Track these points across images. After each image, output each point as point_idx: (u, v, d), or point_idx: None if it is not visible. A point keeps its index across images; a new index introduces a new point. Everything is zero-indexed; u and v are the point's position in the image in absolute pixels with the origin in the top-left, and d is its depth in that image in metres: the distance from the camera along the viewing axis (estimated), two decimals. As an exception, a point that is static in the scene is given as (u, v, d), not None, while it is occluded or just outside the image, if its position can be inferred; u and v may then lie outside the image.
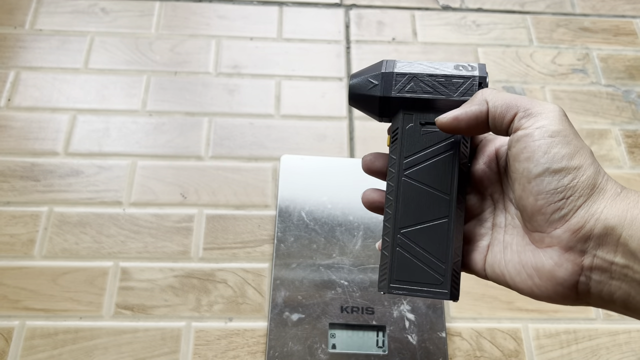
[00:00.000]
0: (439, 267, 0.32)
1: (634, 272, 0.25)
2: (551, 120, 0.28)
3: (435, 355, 0.59)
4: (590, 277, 0.27)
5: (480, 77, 0.33)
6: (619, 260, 0.26)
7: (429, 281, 0.32)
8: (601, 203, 0.27)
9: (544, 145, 0.28)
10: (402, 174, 0.34)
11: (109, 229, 0.66)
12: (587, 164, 0.27)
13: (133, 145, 0.72)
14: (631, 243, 0.25)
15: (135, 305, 0.61)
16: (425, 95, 0.34)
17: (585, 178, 0.27)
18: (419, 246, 0.33)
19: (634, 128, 0.78)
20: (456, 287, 0.33)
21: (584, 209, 0.27)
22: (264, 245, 0.66)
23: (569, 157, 0.27)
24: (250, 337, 0.60)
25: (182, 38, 0.81)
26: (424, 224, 0.33)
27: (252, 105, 0.76)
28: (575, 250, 0.27)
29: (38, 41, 0.80)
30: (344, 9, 0.87)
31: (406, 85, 0.34)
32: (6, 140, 0.71)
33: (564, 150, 0.27)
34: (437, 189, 0.33)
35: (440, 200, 0.33)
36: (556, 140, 0.28)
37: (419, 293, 0.32)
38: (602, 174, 0.28)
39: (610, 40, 0.86)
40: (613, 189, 0.27)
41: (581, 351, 0.62)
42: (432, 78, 0.34)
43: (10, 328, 0.59)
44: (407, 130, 0.34)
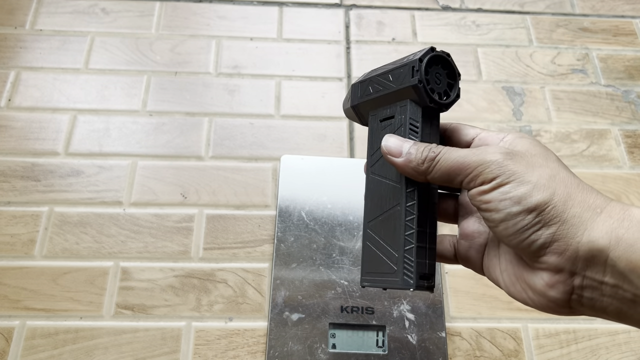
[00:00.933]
0: (393, 255, 0.32)
1: (624, 291, 0.25)
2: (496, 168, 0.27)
3: (435, 355, 0.59)
4: (582, 295, 0.27)
5: (412, 61, 0.33)
6: (608, 280, 0.26)
7: (386, 270, 0.33)
8: (579, 227, 0.26)
9: (497, 196, 0.27)
10: (369, 172, 0.36)
11: (110, 228, 0.66)
12: (549, 195, 0.26)
13: (133, 145, 0.72)
14: (619, 264, 0.25)
15: (135, 305, 0.61)
16: (375, 94, 0.35)
17: (551, 209, 0.26)
18: (379, 237, 0.34)
19: (634, 128, 0.78)
20: (410, 274, 0.32)
21: (561, 235, 0.26)
22: (264, 245, 0.66)
23: (526, 197, 0.26)
24: (251, 337, 0.60)
25: (182, 38, 0.81)
26: (383, 215, 0.34)
27: (252, 106, 0.76)
28: (565, 271, 0.27)
29: (38, 41, 0.80)
30: (344, 9, 0.87)
31: (365, 90, 0.36)
32: (7, 140, 0.71)
33: (519, 192, 0.27)
34: (390, 178, 0.34)
35: (394, 190, 0.33)
36: (508, 187, 0.27)
37: (380, 284, 0.33)
38: (573, 198, 0.27)
39: (609, 40, 0.86)
40: (591, 210, 0.26)
41: (581, 351, 0.62)
42: (382, 76, 0.35)
43: (10, 328, 0.59)
44: (372, 129, 0.36)
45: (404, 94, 0.33)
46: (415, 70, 0.32)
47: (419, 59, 0.33)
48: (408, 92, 0.33)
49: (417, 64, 0.32)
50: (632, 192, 0.73)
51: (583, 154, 0.75)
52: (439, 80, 0.33)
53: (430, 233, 0.33)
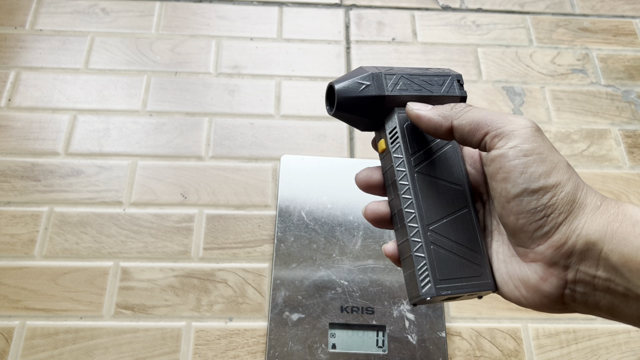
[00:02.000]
0: (476, 256, 0.31)
1: (616, 284, 0.26)
2: (524, 138, 0.28)
3: (435, 355, 0.59)
4: (575, 290, 0.27)
5: (456, 75, 0.35)
6: (600, 274, 0.26)
7: (471, 274, 0.31)
8: (582, 218, 0.27)
9: (519, 165, 0.27)
10: (414, 171, 0.33)
11: (110, 228, 0.66)
12: (565, 180, 0.27)
13: (133, 145, 0.72)
14: (612, 257, 0.25)
15: (135, 305, 0.61)
16: (417, 93, 0.34)
17: (564, 195, 0.27)
18: (452, 239, 0.32)
19: (634, 128, 0.78)
20: (493, 275, 0.31)
21: (565, 225, 0.27)
22: (264, 245, 0.66)
23: (545, 175, 0.27)
24: (251, 337, 0.60)
25: (182, 38, 0.81)
26: (450, 216, 0.32)
27: (252, 105, 0.76)
28: (559, 265, 0.27)
29: (38, 41, 0.80)
30: (344, 9, 0.87)
31: (397, 84, 0.34)
32: (7, 140, 0.71)
33: (540, 169, 0.27)
34: (450, 180, 0.33)
35: (456, 192, 0.33)
36: (531, 159, 0.27)
37: (464, 289, 0.30)
38: (581, 187, 0.28)
39: (609, 40, 0.86)
40: (593, 203, 0.27)
41: (581, 351, 0.62)
42: (417, 77, 0.35)
43: (10, 328, 0.59)
44: (408, 127, 0.34)
45: (447, 101, 0.34)
46: (461, 85, 0.34)
47: (460, 74, 0.35)
48: (451, 101, 0.34)
49: (462, 79, 0.35)
50: (632, 192, 0.73)
51: (583, 154, 0.75)
52: None
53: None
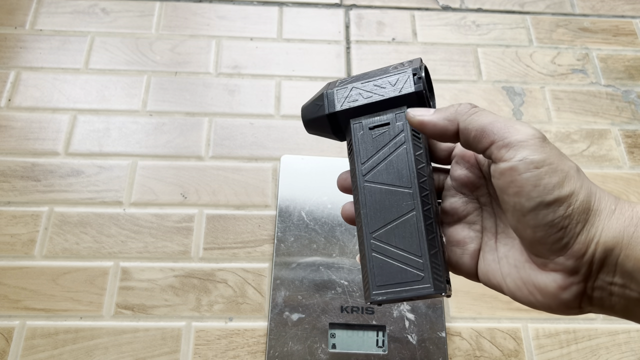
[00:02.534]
0: (417, 262, 0.31)
1: (631, 290, 0.26)
2: (533, 149, 0.27)
3: (435, 355, 0.59)
4: (592, 296, 0.27)
5: (412, 68, 0.33)
6: (617, 280, 0.26)
7: (410, 279, 0.30)
8: (599, 225, 0.26)
9: (532, 178, 0.27)
10: (362, 180, 0.34)
11: (110, 229, 0.66)
12: (578, 188, 0.27)
13: (133, 145, 0.72)
14: (627, 263, 0.25)
15: (135, 305, 0.61)
16: (366, 101, 0.34)
17: (579, 204, 0.26)
18: (393, 246, 0.32)
19: (634, 128, 0.78)
20: (440, 279, 0.30)
21: (584, 235, 0.26)
22: (264, 245, 0.66)
23: (559, 186, 0.26)
24: (251, 337, 0.60)
25: (182, 38, 0.81)
26: (393, 222, 0.32)
27: (252, 105, 0.76)
28: (580, 274, 0.27)
29: (38, 41, 0.80)
30: (344, 9, 0.87)
31: (347, 97, 0.35)
32: (7, 140, 0.71)
33: (553, 180, 0.26)
34: (398, 185, 0.33)
35: (404, 195, 0.32)
36: (543, 171, 0.27)
37: (403, 294, 0.30)
38: (594, 192, 0.27)
39: (609, 40, 0.86)
40: (607, 207, 0.27)
41: (581, 351, 0.62)
42: (369, 83, 0.35)
43: (10, 328, 0.59)
44: (360, 138, 0.35)
45: (401, 101, 0.33)
46: (418, 78, 0.33)
47: (420, 67, 0.33)
48: (407, 99, 0.33)
49: (419, 71, 0.33)
50: (632, 192, 0.73)
51: (583, 154, 0.75)
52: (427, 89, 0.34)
53: (441, 237, 0.32)
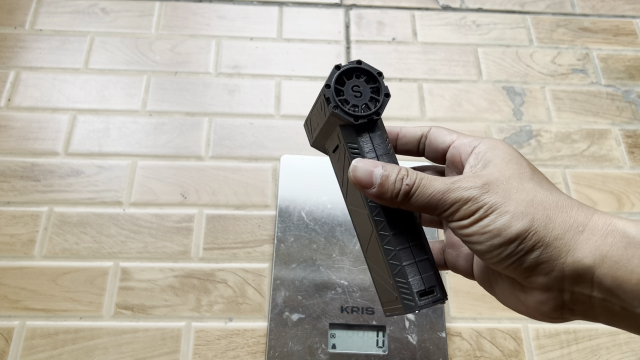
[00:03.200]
0: (389, 282, 0.31)
1: (612, 304, 0.26)
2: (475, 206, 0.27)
3: (435, 355, 0.59)
4: (574, 308, 0.27)
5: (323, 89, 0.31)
6: (596, 294, 0.26)
7: (390, 299, 0.31)
8: (562, 249, 0.26)
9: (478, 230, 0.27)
10: (346, 203, 0.34)
11: (109, 229, 0.66)
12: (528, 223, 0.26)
13: (133, 145, 0.72)
14: (605, 281, 0.25)
15: (135, 305, 0.61)
16: (316, 129, 0.34)
17: (532, 235, 0.26)
18: (375, 267, 0.32)
19: (634, 128, 0.78)
20: (408, 297, 0.30)
21: (545, 258, 0.26)
22: (264, 245, 0.66)
23: (506, 228, 0.26)
24: (250, 337, 0.60)
25: (182, 38, 0.81)
26: (368, 244, 0.32)
27: (252, 105, 0.76)
28: (554, 289, 0.27)
29: (38, 41, 0.80)
30: (344, 9, 0.87)
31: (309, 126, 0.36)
32: (6, 140, 0.71)
33: (499, 224, 0.26)
34: (358, 206, 0.32)
35: (364, 217, 0.32)
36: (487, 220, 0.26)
37: (395, 312, 0.31)
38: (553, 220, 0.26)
39: (610, 40, 0.86)
40: (574, 229, 0.26)
41: (581, 351, 0.62)
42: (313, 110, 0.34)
43: (10, 328, 0.59)
44: (333, 163, 0.34)
45: (333, 123, 0.32)
46: (326, 98, 0.31)
47: (326, 85, 0.31)
48: (334, 120, 0.32)
49: (326, 90, 0.31)
50: (632, 192, 0.73)
51: (583, 154, 0.75)
52: (359, 92, 0.31)
53: (414, 245, 0.31)
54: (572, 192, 0.72)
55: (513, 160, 0.29)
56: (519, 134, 0.76)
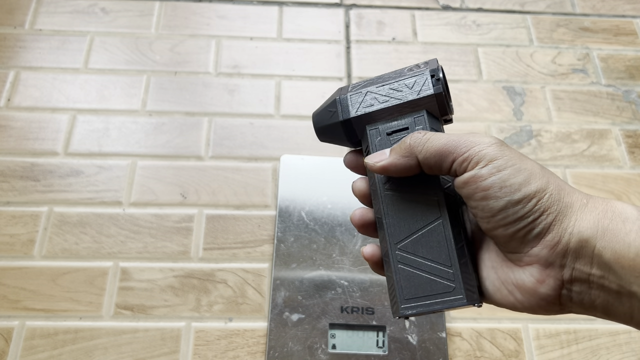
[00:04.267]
0: (447, 272, 0.30)
1: (610, 282, 0.26)
2: (492, 155, 0.27)
3: (435, 355, 0.59)
4: (572, 289, 0.27)
5: (431, 69, 0.32)
6: (595, 271, 0.26)
7: (440, 290, 0.30)
8: (571, 217, 0.27)
9: (497, 181, 0.27)
10: (383, 189, 0.33)
11: (109, 229, 0.66)
12: (545, 183, 0.27)
13: (133, 145, 0.72)
14: (605, 254, 0.25)
15: (135, 306, 0.61)
16: (383, 105, 0.33)
17: (549, 196, 0.27)
18: (419, 256, 0.31)
19: (634, 128, 0.78)
20: (472, 289, 0.29)
21: (557, 225, 0.27)
22: (264, 245, 0.66)
23: (525, 184, 0.27)
24: (250, 337, 0.60)
25: (182, 38, 0.81)
26: (418, 232, 0.31)
27: (252, 105, 0.76)
28: (555, 265, 0.27)
29: (38, 41, 0.80)
30: (344, 8, 0.87)
31: (362, 102, 0.34)
32: (6, 140, 0.71)
33: (518, 179, 0.27)
34: (423, 192, 0.31)
35: (429, 203, 0.31)
36: (506, 173, 0.27)
37: (433, 307, 0.29)
38: (564, 188, 0.28)
39: (610, 40, 0.86)
40: (579, 201, 0.27)
41: (581, 351, 0.62)
42: (385, 87, 0.33)
43: (10, 328, 0.59)
44: (377, 144, 0.33)
45: (419, 105, 0.32)
46: (436, 79, 0.31)
47: (438, 68, 0.32)
48: (426, 102, 0.32)
49: (437, 72, 0.31)
50: (632, 192, 0.72)
51: (584, 153, 0.75)
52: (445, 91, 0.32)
53: (467, 244, 0.31)
54: (572, 192, 0.72)
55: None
56: (519, 133, 0.76)
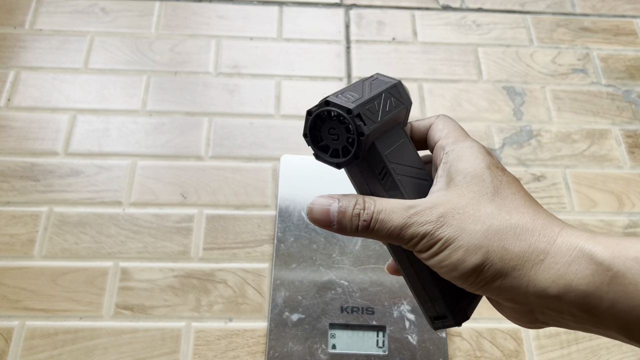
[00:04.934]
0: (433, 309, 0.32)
1: (585, 321, 0.25)
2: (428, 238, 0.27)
3: (435, 355, 0.59)
4: (548, 323, 0.27)
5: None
6: (567, 318, 0.26)
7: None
8: (522, 279, 0.25)
9: (436, 264, 0.27)
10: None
11: (109, 229, 0.66)
12: (479, 258, 0.26)
13: (133, 145, 0.72)
14: (573, 309, 0.25)
15: (135, 305, 0.61)
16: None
17: (488, 268, 0.26)
18: None
19: (634, 128, 0.78)
20: (458, 311, 0.31)
21: (508, 286, 0.26)
22: (264, 245, 0.66)
23: (460, 264, 0.26)
24: (250, 337, 0.60)
25: (182, 38, 0.81)
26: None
27: (252, 105, 0.76)
28: (525, 309, 0.27)
29: (38, 41, 0.80)
30: (344, 8, 0.87)
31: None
32: (6, 140, 0.71)
33: (452, 261, 0.26)
34: None
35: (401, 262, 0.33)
36: (440, 257, 0.27)
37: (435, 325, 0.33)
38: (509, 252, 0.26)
39: (610, 40, 0.86)
40: (533, 258, 0.25)
41: (581, 351, 0.62)
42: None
43: (10, 328, 0.59)
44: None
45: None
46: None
47: (303, 134, 0.30)
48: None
49: (305, 140, 0.30)
50: (632, 192, 0.72)
51: (584, 153, 0.75)
52: (335, 135, 0.29)
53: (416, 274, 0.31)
54: (572, 192, 0.72)
55: (476, 177, 0.28)
56: (519, 133, 0.76)
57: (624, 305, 0.23)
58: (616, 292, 0.23)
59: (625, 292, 0.23)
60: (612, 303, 0.23)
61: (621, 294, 0.23)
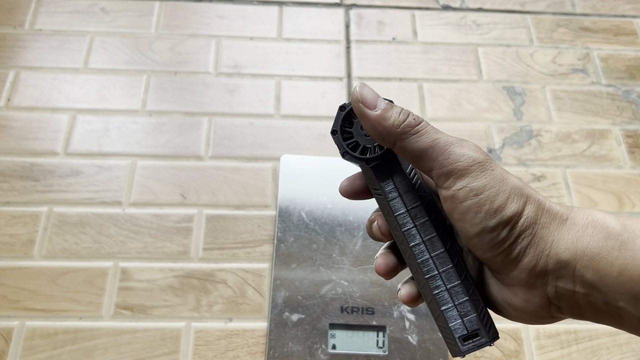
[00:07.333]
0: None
1: (595, 298, 0.25)
2: (472, 175, 0.26)
3: (435, 355, 0.59)
4: (560, 305, 0.27)
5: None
6: (579, 289, 0.26)
7: None
8: (548, 237, 0.26)
9: (473, 206, 0.26)
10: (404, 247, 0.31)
11: (109, 229, 0.66)
12: (521, 207, 0.26)
13: (133, 145, 0.72)
14: (586, 274, 0.25)
15: (135, 306, 0.61)
16: None
17: (524, 220, 0.26)
18: None
19: (635, 128, 0.78)
20: (452, 342, 0.29)
21: (532, 248, 0.26)
22: (264, 245, 0.66)
23: (501, 210, 0.26)
24: (250, 337, 0.60)
25: (182, 38, 0.81)
26: None
27: (252, 105, 0.76)
28: (537, 285, 0.27)
29: (38, 41, 0.80)
30: (344, 8, 0.87)
31: None
32: (6, 140, 0.71)
33: (494, 204, 0.26)
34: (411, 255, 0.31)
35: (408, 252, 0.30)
36: (483, 197, 0.26)
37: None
38: (542, 207, 0.27)
39: (610, 40, 0.86)
40: (558, 218, 0.26)
41: (581, 351, 0.62)
42: None
43: (9, 328, 0.59)
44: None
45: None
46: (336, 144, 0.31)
47: (332, 131, 0.31)
48: None
49: (333, 137, 0.31)
50: (632, 192, 0.72)
51: (584, 154, 0.75)
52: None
53: (452, 287, 0.29)
54: (572, 192, 0.72)
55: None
56: (519, 133, 0.76)
57: (632, 273, 0.24)
58: (626, 257, 0.24)
59: (635, 259, 0.24)
60: (621, 270, 0.24)
61: (630, 259, 0.24)
